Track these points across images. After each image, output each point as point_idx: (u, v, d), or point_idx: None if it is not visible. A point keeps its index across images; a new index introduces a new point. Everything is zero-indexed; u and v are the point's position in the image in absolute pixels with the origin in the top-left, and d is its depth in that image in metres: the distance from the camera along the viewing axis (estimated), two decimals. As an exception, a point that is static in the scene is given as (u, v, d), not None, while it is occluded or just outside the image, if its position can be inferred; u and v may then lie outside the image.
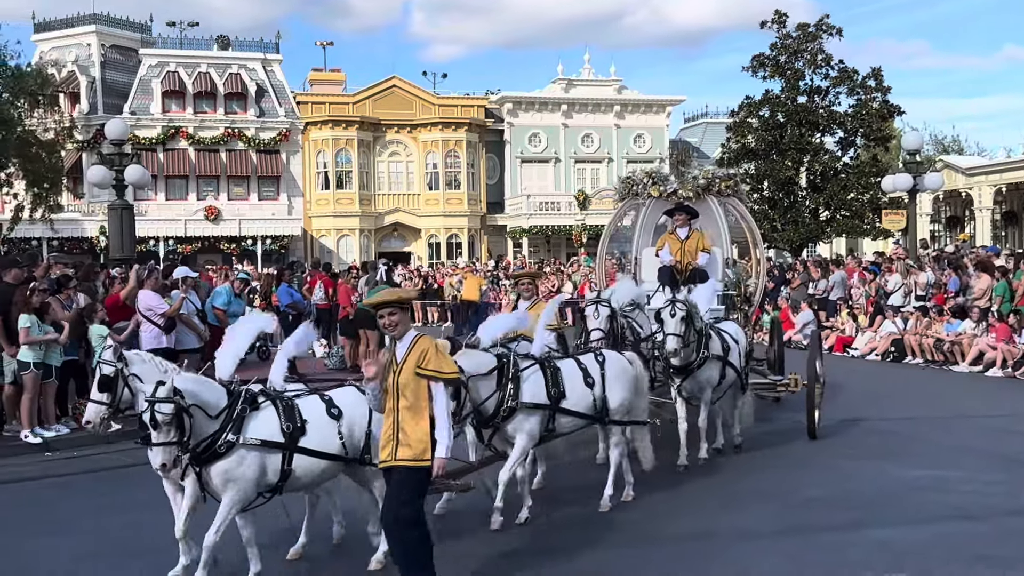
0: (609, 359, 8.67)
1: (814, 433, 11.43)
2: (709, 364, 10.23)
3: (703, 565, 7.16)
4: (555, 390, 8.11)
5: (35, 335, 11.59)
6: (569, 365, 8.46)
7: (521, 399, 7.87)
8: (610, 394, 8.48)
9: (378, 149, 49.17)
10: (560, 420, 8.21)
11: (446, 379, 6.13)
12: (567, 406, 8.20)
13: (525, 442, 7.97)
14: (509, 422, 7.90)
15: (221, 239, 45.70)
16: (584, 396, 8.33)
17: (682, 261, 12.24)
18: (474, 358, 7.76)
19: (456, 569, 7.04)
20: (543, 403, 8.03)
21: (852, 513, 8.40)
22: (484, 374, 7.72)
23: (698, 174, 13.40)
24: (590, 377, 8.41)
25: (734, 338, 10.77)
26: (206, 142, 46.67)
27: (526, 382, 7.96)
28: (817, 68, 38.77)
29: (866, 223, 38.78)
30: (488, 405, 7.79)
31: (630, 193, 13.65)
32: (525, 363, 8.09)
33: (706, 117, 57.18)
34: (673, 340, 9.67)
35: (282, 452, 6.64)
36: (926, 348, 19.51)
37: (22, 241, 40.33)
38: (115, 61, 47.47)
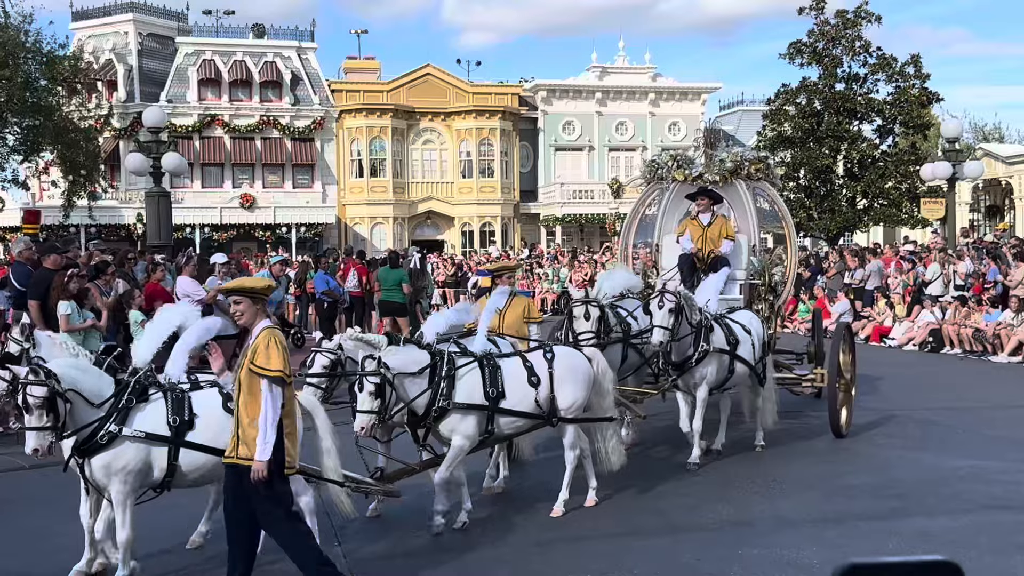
0: (559, 356, 8.22)
1: (839, 431, 10.85)
2: (709, 359, 9.70)
3: (740, 552, 7.14)
4: (493, 390, 7.73)
5: (75, 322, 11.72)
6: (512, 363, 8.07)
7: (454, 399, 7.56)
8: (559, 393, 8.05)
9: (412, 137, 49.21)
10: (500, 421, 7.84)
11: (268, 377, 5.70)
12: (507, 406, 7.82)
13: (460, 443, 7.64)
14: (442, 422, 7.61)
15: (256, 227, 45.95)
16: (527, 396, 7.92)
17: (704, 248, 11.63)
18: (404, 355, 7.50)
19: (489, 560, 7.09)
20: (479, 403, 7.67)
21: (892, 502, 8.33)
22: (413, 372, 7.43)
23: (725, 157, 12.51)
24: (535, 376, 7.99)
25: (745, 329, 10.19)
26: (241, 130, 46.92)
27: (460, 381, 7.63)
28: (855, 55, 38.34)
29: (904, 212, 38.36)
30: (418, 404, 7.50)
31: (655, 177, 12.87)
32: (462, 361, 7.76)
33: (742, 105, 56.69)
34: (660, 332, 9.26)
35: (168, 446, 6.39)
36: (964, 338, 19.28)
37: (60, 228, 40.73)
38: (152, 49, 47.82)
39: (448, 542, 7.48)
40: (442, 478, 7.60)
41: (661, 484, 9.14)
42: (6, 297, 13.48)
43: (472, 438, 7.72)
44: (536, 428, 8.32)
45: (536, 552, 7.31)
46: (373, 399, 7.11)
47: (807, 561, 6.90)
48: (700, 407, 9.77)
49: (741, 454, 10.24)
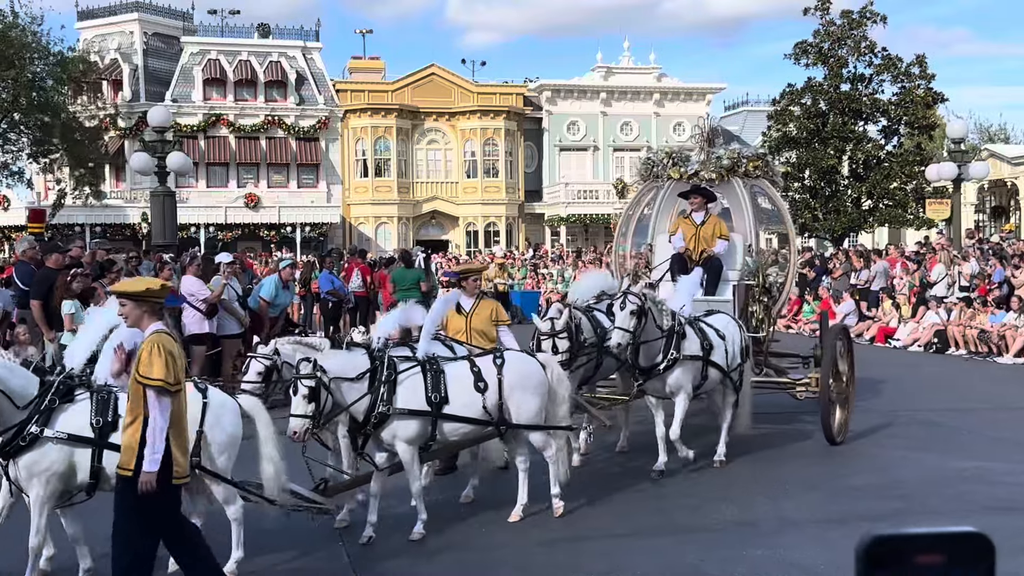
0: (509, 361, 7.87)
1: (832, 438, 10.40)
2: (680, 366, 9.29)
3: (744, 552, 7.12)
4: (436, 395, 7.44)
5: (79, 321, 11.73)
6: (459, 368, 7.76)
7: (395, 404, 7.31)
8: (509, 399, 7.72)
9: (416, 137, 49.22)
10: (445, 427, 7.55)
11: (150, 386, 5.45)
12: (451, 412, 7.52)
13: (406, 449, 7.40)
14: (383, 429, 7.35)
15: (261, 226, 45.97)
16: (473, 401, 7.60)
17: (696, 248, 11.26)
18: (341, 359, 7.31)
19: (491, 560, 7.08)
20: (420, 409, 7.41)
21: (896, 503, 8.31)
22: (351, 377, 7.19)
23: (723, 154, 11.92)
24: (483, 381, 7.66)
25: (720, 334, 9.75)
26: (246, 130, 46.97)
27: (402, 386, 7.37)
28: (860, 55, 38.30)
29: (909, 212, 38.30)
30: (357, 410, 7.25)
31: (651, 175, 12.40)
32: (404, 365, 7.50)
33: (747, 105, 56.63)
34: (619, 334, 8.82)
35: (92, 448, 6.21)
36: (970, 339, 19.23)
37: (65, 227, 40.81)
38: (157, 49, 47.88)
39: (450, 541, 7.47)
40: (418, 489, 7.49)
41: (663, 484, 9.13)
42: (11, 296, 13.51)
43: (414, 445, 7.45)
44: (488, 436, 8.01)
45: (538, 552, 7.30)
46: (307, 403, 6.89)
47: (811, 562, 6.88)
48: (679, 415, 9.34)
49: (743, 455, 10.20)
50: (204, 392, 6.60)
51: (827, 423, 10.40)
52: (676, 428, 9.31)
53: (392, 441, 7.39)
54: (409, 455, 7.43)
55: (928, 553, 1.33)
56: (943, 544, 1.34)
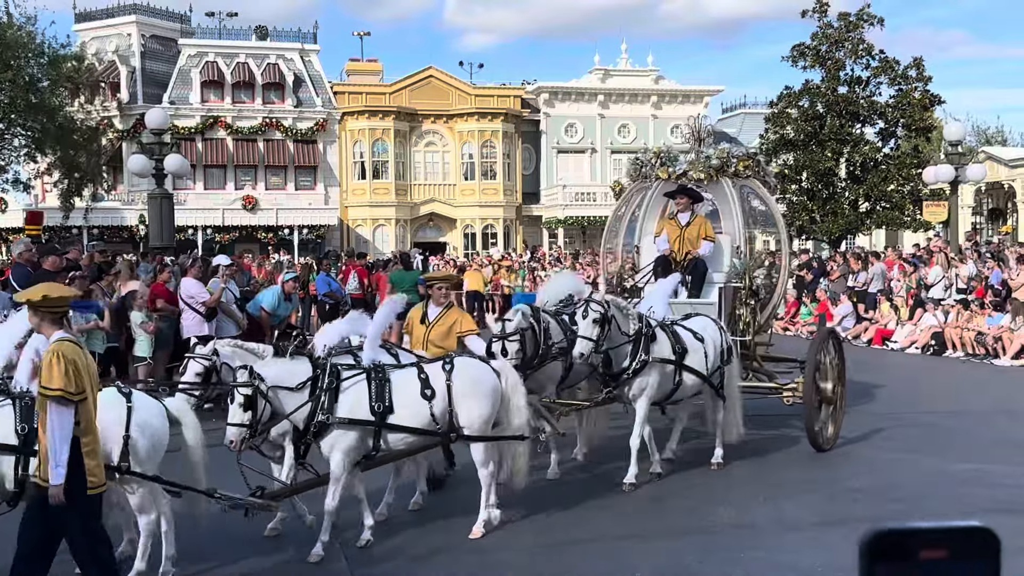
0: (459, 368, 7.54)
1: (818, 445, 10.18)
2: (648, 370, 9.01)
3: (742, 555, 7.12)
4: (379, 404, 7.19)
5: (78, 323, 11.71)
6: (405, 375, 7.49)
7: (336, 413, 7.07)
8: (459, 407, 7.41)
9: (414, 139, 49.22)
10: (390, 437, 7.31)
11: (49, 396, 5.32)
12: (395, 421, 7.27)
13: (340, 460, 7.11)
14: (323, 438, 7.11)
15: (258, 228, 45.93)
16: (419, 410, 7.34)
17: (680, 249, 11.01)
18: (281, 367, 7.13)
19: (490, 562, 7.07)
20: (363, 419, 7.16)
21: (895, 505, 8.32)
22: (291, 386, 6.97)
23: (712, 153, 11.64)
24: (430, 388, 7.38)
25: (697, 337, 9.46)
26: (244, 132, 46.94)
27: (344, 394, 7.15)
28: (858, 58, 38.35)
29: (907, 215, 38.35)
30: (296, 419, 7.05)
31: (640, 175, 12.15)
32: (348, 374, 7.28)
33: (744, 108, 56.66)
34: (582, 344, 8.53)
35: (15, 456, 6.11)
36: (967, 341, 19.25)
37: (62, 230, 40.77)
38: (155, 51, 47.85)
39: (447, 543, 7.47)
40: (332, 507, 7.11)
41: (662, 487, 9.14)
42: (8, 299, 13.49)
43: (353, 456, 7.20)
44: (435, 445, 7.84)
45: (537, 553, 7.29)
46: (243, 411, 6.71)
47: (809, 564, 6.88)
48: (639, 422, 9.06)
49: (741, 459, 10.20)
50: (128, 396, 6.50)
51: (811, 429, 10.14)
52: (636, 437, 9.01)
53: (329, 451, 7.13)
54: (341, 466, 7.11)
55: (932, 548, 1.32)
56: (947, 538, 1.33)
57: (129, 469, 6.29)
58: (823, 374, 10.50)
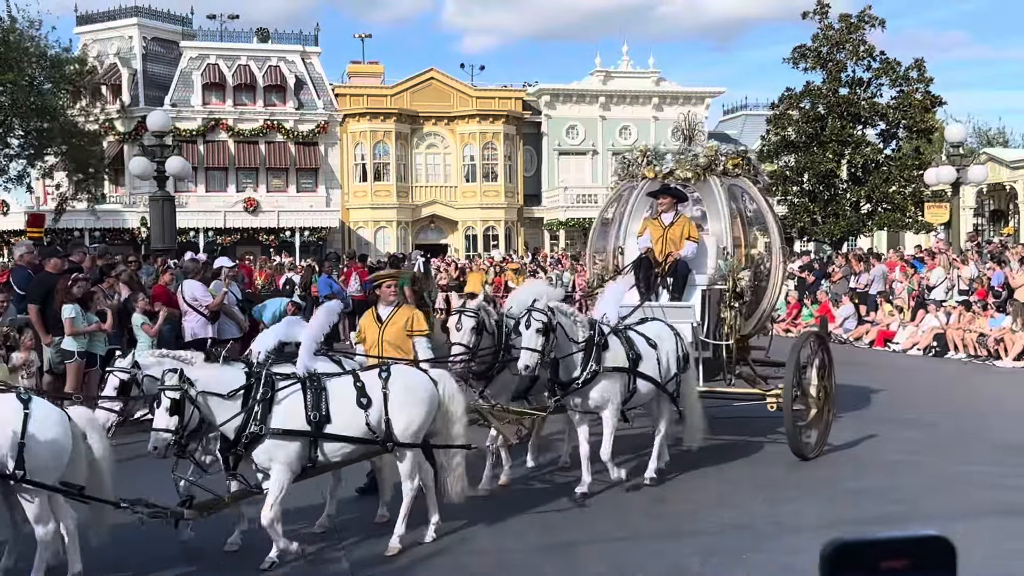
0: (395, 375, 7.35)
1: (800, 453, 9.90)
2: (599, 379, 8.70)
3: (743, 556, 7.13)
4: (315, 413, 6.93)
5: (80, 325, 11.73)
6: (341, 384, 7.24)
7: (270, 424, 6.81)
8: (395, 416, 7.17)
9: (415, 141, 49.24)
10: (326, 448, 7.05)
11: None
12: (333, 431, 7.01)
13: (280, 474, 6.86)
14: (255, 449, 6.82)
15: (260, 231, 45.93)
16: (355, 418, 7.09)
17: (662, 250, 10.62)
18: (212, 373, 6.90)
19: (491, 564, 7.08)
20: (298, 429, 6.90)
21: (895, 507, 8.32)
22: (223, 393, 6.73)
23: (700, 151, 11.30)
24: (366, 396, 7.15)
25: (651, 343, 9.13)
26: (245, 134, 46.97)
27: (279, 404, 6.89)
28: (859, 59, 38.36)
29: (908, 216, 38.35)
30: (227, 428, 6.77)
31: (627, 174, 11.81)
32: (283, 383, 7.02)
33: (745, 109, 56.66)
34: (526, 356, 8.19)
35: None
36: (969, 343, 19.24)
37: (64, 232, 40.81)
38: (156, 53, 47.90)
39: (450, 545, 7.47)
40: (269, 518, 6.81)
41: (663, 488, 9.13)
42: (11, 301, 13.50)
43: (292, 467, 6.93)
44: (372, 455, 7.57)
45: (538, 555, 7.30)
46: (169, 416, 6.44)
47: (809, 566, 6.81)
48: (608, 432, 8.76)
49: (742, 459, 10.21)
50: (27, 403, 6.36)
51: (791, 436, 9.86)
52: (607, 447, 8.73)
53: (268, 463, 6.86)
54: (280, 479, 6.86)
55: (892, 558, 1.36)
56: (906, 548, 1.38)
57: (24, 477, 6.12)
58: (806, 379, 10.20)
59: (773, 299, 11.50)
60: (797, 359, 10.10)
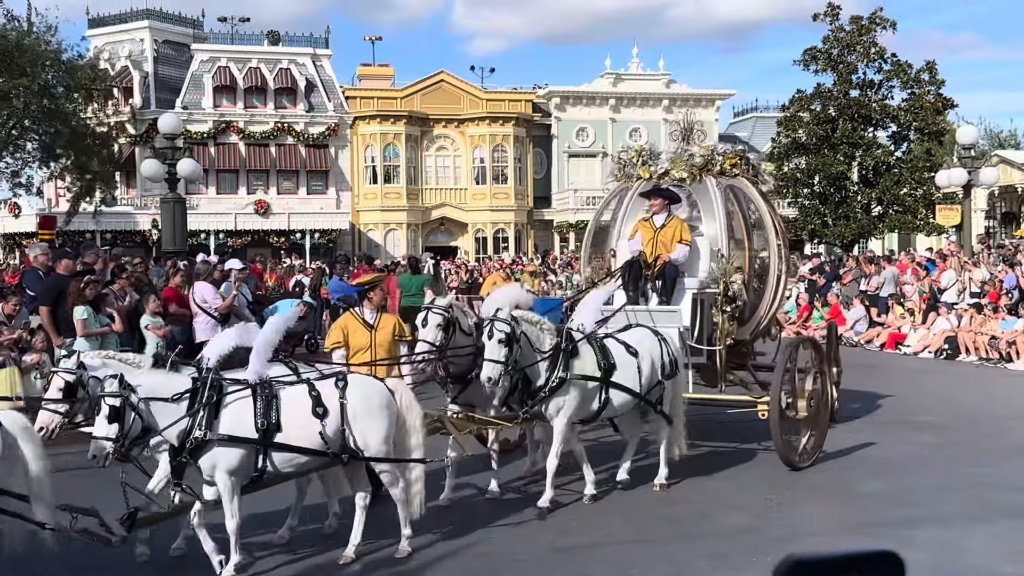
0: (352, 384, 7.10)
1: (790, 463, 9.66)
2: (566, 388, 8.36)
3: (754, 559, 7.10)
4: (264, 421, 6.73)
5: (92, 327, 11.76)
6: (295, 392, 7.00)
7: (216, 430, 6.59)
8: (354, 427, 6.95)
9: (426, 144, 49.31)
10: (276, 458, 6.82)
11: None
12: (283, 440, 6.80)
13: (225, 482, 6.64)
14: (201, 456, 6.60)
15: (270, 233, 46.06)
16: (309, 429, 6.86)
17: (652, 253, 10.29)
18: (156, 377, 6.69)
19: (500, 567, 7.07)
20: (246, 436, 6.68)
21: (907, 510, 8.28)
22: (167, 398, 6.51)
23: (695, 151, 10.94)
24: (321, 406, 6.91)
25: (631, 351, 8.84)
26: (256, 136, 47.11)
27: (226, 410, 6.69)
28: (870, 61, 38.31)
29: (919, 219, 38.26)
30: (170, 435, 6.54)
31: (623, 175, 11.48)
32: (233, 388, 6.81)
33: (756, 111, 56.61)
34: (489, 367, 7.92)
35: None
36: (980, 345, 19.16)
37: (76, 234, 40.95)
38: (167, 56, 48.09)
39: (458, 547, 7.47)
40: (232, 528, 6.68)
41: (674, 491, 9.12)
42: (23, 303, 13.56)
43: (238, 476, 6.71)
44: (327, 466, 7.30)
45: (549, 558, 7.29)
46: (109, 424, 6.23)
47: (822, 569, 6.86)
48: (556, 442, 8.42)
49: (752, 462, 10.18)
50: None
51: (779, 445, 9.58)
52: (552, 459, 8.41)
53: (211, 471, 6.65)
54: (228, 487, 6.65)
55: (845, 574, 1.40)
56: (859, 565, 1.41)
57: None
58: (798, 386, 9.89)
59: (770, 302, 11.06)
60: (784, 367, 9.79)
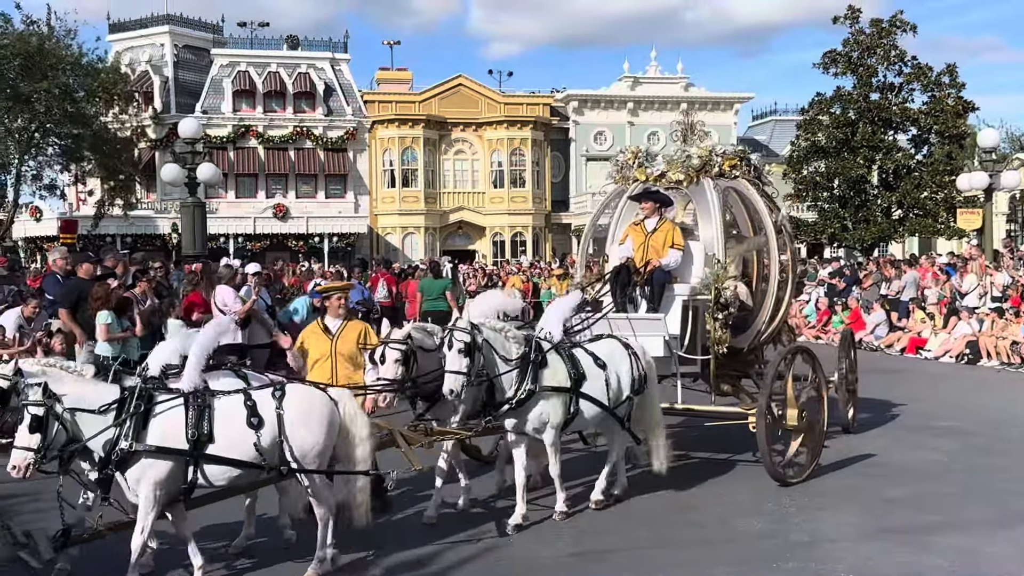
0: (290, 395, 6.83)
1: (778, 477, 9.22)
2: (536, 399, 7.99)
3: (775, 565, 7.06)
4: (195, 432, 6.48)
5: (115, 331, 11.80)
6: (231, 402, 6.73)
7: (144, 441, 6.38)
8: (292, 438, 6.68)
9: (444, 147, 49.41)
10: (209, 470, 6.57)
11: None
12: (215, 451, 6.53)
13: (148, 494, 6.40)
14: (128, 469, 6.36)
15: (289, 237, 46.28)
16: (242, 440, 6.59)
17: (642, 258, 9.90)
18: (85, 386, 6.43)
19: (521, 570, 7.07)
20: (175, 448, 6.44)
21: (930, 516, 8.22)
22: (92, 408, 6.31)
23: (693, 152, 10.49)
24: (257, 416, 6.65)
25: (599, 363, 8.46)
26: (275, 141, 47.33)
27: (156, 420, 6.46)
28: (890, 64, 38.13)
29: (940, 222, 38.03)
30: (95, 446, 6.31)
31: (621, 177, 11.06)
32: (164, 397, 6.60)
33: (775, 115, 56.43)
34: (451, 379, 7.58)
35: None
36: (1002, 350, 19.02)
37: (97, 238, 41.18)
38: (187, 61, 48.38)
39: (481, 552, 7.46)
40: (138, 544, 6.41)
41: (695, 496, 9.08)
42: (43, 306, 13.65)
43: (165, 489, 6.47)
44: (267, 482, 7.03)
45: (570, 562, 7.27)
46: (30, 433, 6.04)
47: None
48: (553, 453, 8.19)
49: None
50: None
51: (767, 459, 9.19)
52: (555, 467, 8.27)
53: (136, 484, 6.41)
54: (150, 501, 6.41)
55: None
56: None
57: None
58: (789, 398, 9.47)
59: (771, 309, 10.52)
60: (772, 377, 9.43)
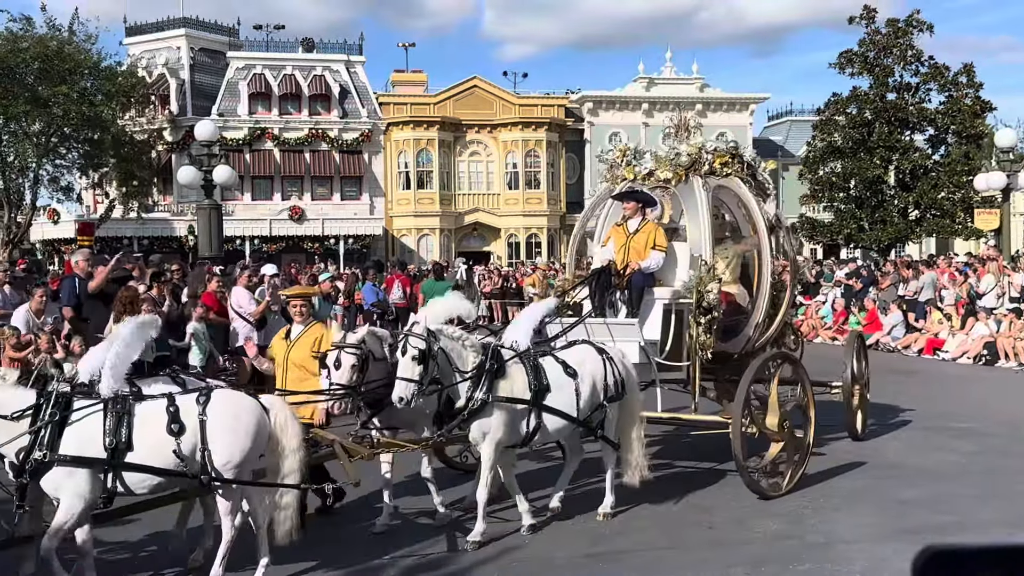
0: (215, 400, 6.53)
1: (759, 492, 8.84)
2: (488, 410, 7.56)
3: (790, 567, 7.04)
4: (113, 439, 6.21)
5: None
6: (152, 408, 6.45)
7: (59, 450, 6.13)
8: (213, 445, 6.39)
9: (459, 149, 49.46)
10: (129, 479, 6.31)
11: None
12: (134, 459, 6.27)
13: (69, 504, 6.16)
14: (42, 477, 6.17)
15: (305, 238, 46.42)
16: (162, 447, 6.32)
17: (623, 260, 9.50)
18: (3, 393, 6.27)
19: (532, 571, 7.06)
20: (91, 456, 6.18)
21: (946, 517, 8.18)
22: (5, 415, 6.13)
23: (683, 149, 10.03)
24: (178, 422, 6.35)
25: (569, 372, 8.04)
26: (291, 143, 47.48)
27: (72, 427, 6.21)
28: (907, 64, 37.97)
29: (957, 223, 37.84)
30: (8, 454, 6.11)
31: (611, 176, 10.66)
32: (82, 404, 6.36)
33: (791, 115, 56.26)
34: (401, 387, 7.21)
35: None
36: (1020, 351, 18.91)
37: (114, 240, 41.44)
38: (203, 64, 48.59)
39: (495, 554, 7.47)
40: (48, 548, 6.15)
41: (710, 497, 9.07)
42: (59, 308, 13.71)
43: (85, 500, 6.20)
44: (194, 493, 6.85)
45: (585, 564, 7.28)
46: None
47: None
48: (485, 470, 7.65)
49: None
50: None
51: (742, 471, 8.76)
52: (482, 490, 7.66)
53: (55, 493, 6.22)
54: (65, 510, 6.17)
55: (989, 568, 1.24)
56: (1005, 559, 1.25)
57: None
58: (769, 407, 9.12)
59: (763, 312, 10.10)
60: (748, 384, 8.98)
